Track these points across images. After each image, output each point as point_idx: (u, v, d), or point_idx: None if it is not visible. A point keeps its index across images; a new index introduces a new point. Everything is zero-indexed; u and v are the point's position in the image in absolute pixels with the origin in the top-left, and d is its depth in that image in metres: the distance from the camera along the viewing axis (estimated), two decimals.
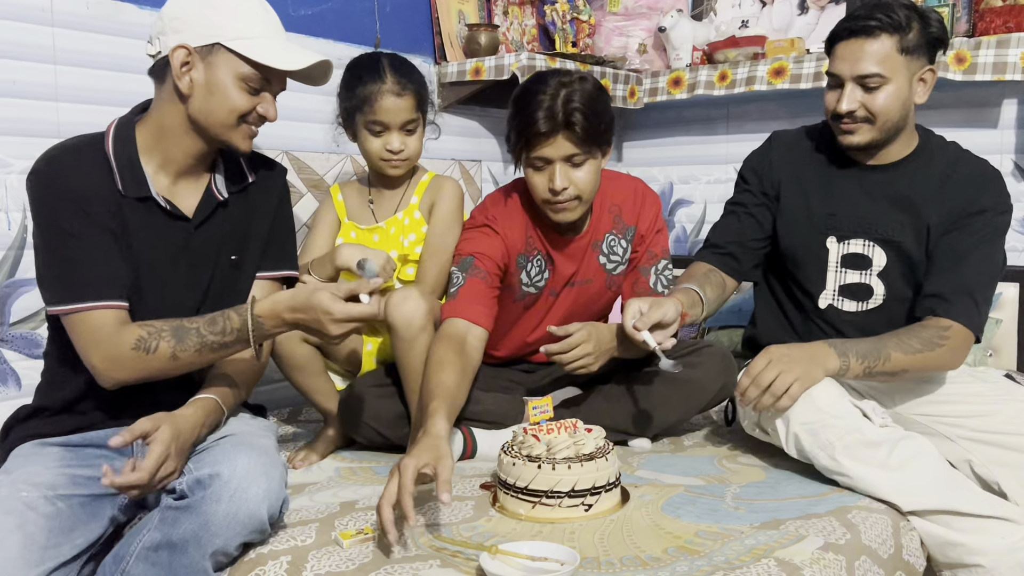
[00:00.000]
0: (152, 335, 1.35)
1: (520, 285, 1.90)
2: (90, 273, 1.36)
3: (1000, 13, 2.28)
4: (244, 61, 1.38)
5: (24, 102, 1.81)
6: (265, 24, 1.42)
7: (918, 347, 1.66)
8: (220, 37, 1.37)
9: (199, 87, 1.39)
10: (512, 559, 1.23)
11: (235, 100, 1.40)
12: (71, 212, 1.35)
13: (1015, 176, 2.47)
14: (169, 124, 1.43)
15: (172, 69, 1.38)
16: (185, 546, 1.23)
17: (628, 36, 2.95)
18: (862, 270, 1.84)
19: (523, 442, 1.51)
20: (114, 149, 1.42)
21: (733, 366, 1.87)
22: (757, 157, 1.97)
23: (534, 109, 1.69)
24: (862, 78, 1.69)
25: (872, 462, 1.54)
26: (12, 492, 1.31)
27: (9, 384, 1.83)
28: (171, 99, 1.41)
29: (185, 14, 1.38)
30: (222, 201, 1.50)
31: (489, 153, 2.88)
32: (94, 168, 1.39)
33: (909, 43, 1.68)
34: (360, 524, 1.41)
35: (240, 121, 1.42)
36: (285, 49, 1.42)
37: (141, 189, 1.42)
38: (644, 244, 1.94)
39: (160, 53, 1.40)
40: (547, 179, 1.74)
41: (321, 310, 1.33)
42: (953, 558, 1.52)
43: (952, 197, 1.77)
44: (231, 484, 1.24)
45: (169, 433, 1.29)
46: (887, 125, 1.73)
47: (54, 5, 1.85)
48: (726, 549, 1.31)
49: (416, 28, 2.65)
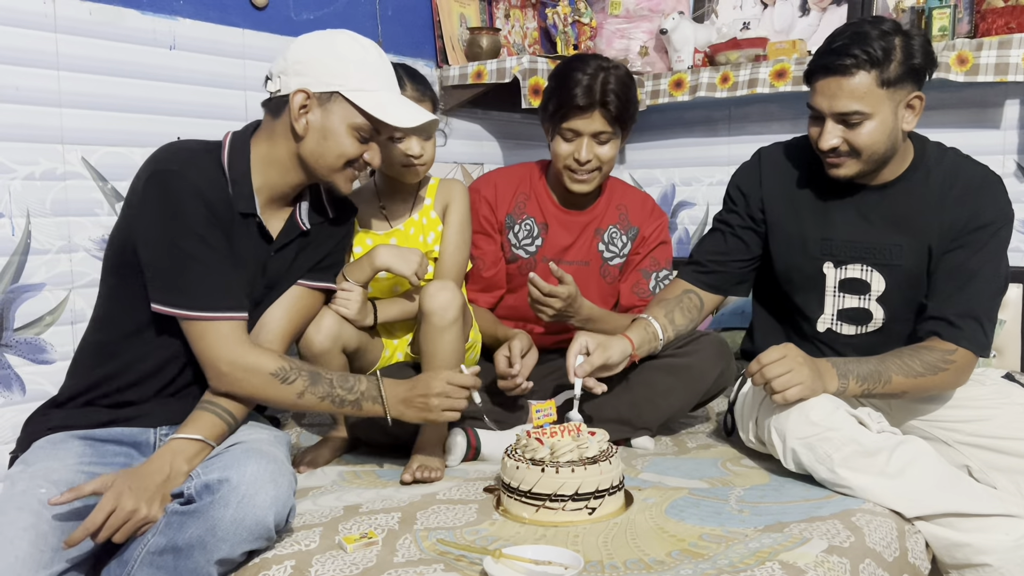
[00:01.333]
0: (293, 369, 1.46)
1: (510, 247, 2.06)
2: (222, 282, 1.44)
3: (1002, 14, 2.28)
4: (360, 112, 1.48)
5: (27, 108, 1.82)
6: (383, 79, 1.51)
7: (920, 370, 1.64)
8: (341, 87, 1.46)
9: (314, 130, 1.48)
10: (516, 563, 1.23)
11: (346, 146, 1.49)
12: (204, 218, 1.42)
13: (1017, 177, 2.47)
14: (278, 155, 1.51)
15: (291, 109, 1.46)
16: (191, 551, 1.23)
17: (629, 38, 2.95)
18: (861, 295, 1.80)
19: (527, 445, 1.51)
20: (230, 162, 1.49)
21: (730, 353, 1.92)
22: (744, 176, 1.93)
23: (574, 84, 1.88)
24: (842, 116, 1.64)
25: (871, 471, 1.53)
26: (30, 487, 1.31)
27: (14, 389, 1.83)
28: (284, 135, 1.49)
29: (310, 59, 1.47)
30: (304, 231, 1.58)
31: (491, 156, 2.88)
32: (215, 176, 1.46)
33: (890, 75, 1.61)
34: (364, 528, 1.41)
35: (346, 166, 1.52)
36: (399, 105, 1.52)
37: (249, 205, 1.50)
38: (646, 247, 2.07)
39: (279, 91, 1.48)
40: (574, 149, 1.94)
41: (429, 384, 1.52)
42: (960, 559, 1.52)
43: (952, 210, 1.72)
44: (239, 490, 1.24)
45: (122, 483, 1.28)
46: (874, 157, 1.68)
47: (57, 11, 1.86)
48: (730, 552, 1.31)
49: (418, 31, 2.66)
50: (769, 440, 1.66)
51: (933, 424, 1.76)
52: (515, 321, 2.12)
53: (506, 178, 2.11)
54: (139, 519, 1.27)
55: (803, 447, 1.58)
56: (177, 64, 2.05)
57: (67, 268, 1.89)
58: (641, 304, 2.07)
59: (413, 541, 1.36)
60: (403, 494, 1.59)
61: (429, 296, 1.68)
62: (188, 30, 2.07)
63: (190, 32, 2.07)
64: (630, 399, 1.86)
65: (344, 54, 1.48)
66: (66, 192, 1.88)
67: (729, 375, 1.91)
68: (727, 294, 1.99)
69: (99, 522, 1.25)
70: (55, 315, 1.89)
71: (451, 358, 1.70)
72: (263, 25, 2.24)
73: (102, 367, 1.50)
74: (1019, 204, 2.44)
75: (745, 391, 1.83)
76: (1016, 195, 2.44)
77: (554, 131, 1.96)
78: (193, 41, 2.08)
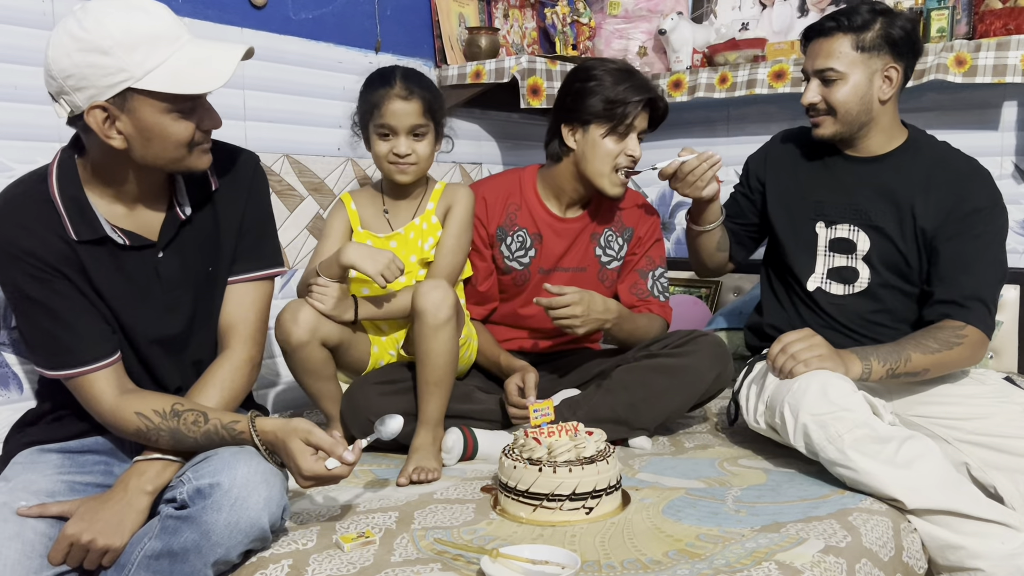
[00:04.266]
0: (151, 430, 1.35)
1: (503, 259, 2.04)
2: (75, 337, 1.35)
3: (1000, 15, 2.28)
4: (162, 97, 1.28)
5: (25, 106, 1.82)
6: (161, 41, 1.28)
7: (935, 347, 1.72)
8: (126, 81, 1.25)
9: (133, 137, 1.30)
10: (513, 562, 1.23)
11: (175, 133, 1.32)
12: (34, 278, 1.32)
13: (1015, 178, 2.47)
14: (113, 166, 1.36)
15: (95, 130, 1.28)
16: (186, 555, 1.23)
17: (628, 39, 2.96)
18: (848, 254, 1.91)
19: (524, 445, 1.51)
20: (59, 191, 1.35)
21: (728, 355, 1.93)
22: (756, 155, 2.13)
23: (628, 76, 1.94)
24: (820, 72, 1.83)
25: (879, 458, 1.54)
26: (11, 499, 1.31)
27: (11, 388, 1.83)
28: (107, 150, 1.32)
29: (76, 69, 1.24)
30: (185, 219, 1.44)
31: (489, 156, 2.88)
32: (40, 219, 1.33)
33: (866, 41, 1.79)
34: (361, 528, 1.41)
35: (190, 148, 1.35)
36: (197, 62, 1.30)
37: (91, 231, 1.35)
38: (642, 247, 2.07)
39: (72, 113, 1.29)
40: (624, 147, 1.96)
41: (292, 458, 1.32)
42: (953, 561, 1.52)
43: (940, 190, 1.82)
44: (231, 493, 1.23)
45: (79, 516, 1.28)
46: (848, 118, 1.84)
47: (55, 8, 1.85)
48: (727, 552, 1.31)
49: (416, 31, 2.66)
50: (780, 418, 1.66)
51: (933, 421, 1.76)
52: (511, 328, 2.11)
53: (494, 190, 2.07)
54: (98, 549, 1.27)
55: (815, 424, 1.59)
56: None
57: None
58: (640, 304, 2.08)
59: (410, 540, 1.36)
60: (400, 493, 1.59)
61: (421, 295, 1.68)
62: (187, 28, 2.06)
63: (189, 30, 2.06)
64: (627, 399, 1.86)
65: (106, 43, 1.23)
66: None
67: (726, 376, 1.92)
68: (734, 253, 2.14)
69: (60, 558, 1.27)
70: None
71: (444, 358, 1.69)
72: (262, 24, 2.24)
73: (59, 395, 1.45)
74: (1017, 205, 2.47)
75: (752, 376, 1.85)
76: (1014, 196, 2.46)
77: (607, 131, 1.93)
78: None
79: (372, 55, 2.49)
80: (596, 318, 1.86)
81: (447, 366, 1.70)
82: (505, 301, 2.09)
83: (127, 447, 1.48)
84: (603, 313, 1.87)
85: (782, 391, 1.68)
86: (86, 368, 1.36)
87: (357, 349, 1.84)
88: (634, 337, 1.99)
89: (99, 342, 1.37)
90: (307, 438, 1.32)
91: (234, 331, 1.49)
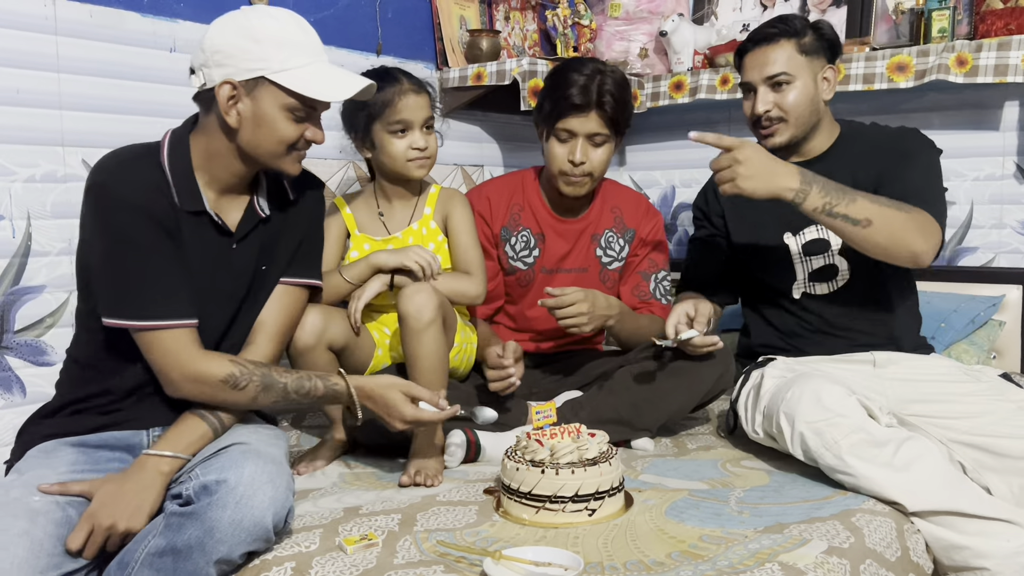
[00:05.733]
0: (244, 375, 1.42)
1: (507, 259, 2.05)
2: (166, 290, 1.41)
3: (1001, 15, 2.28)
4: (288, 93, 1.41)
5: (28, 110, 1.82)
6: (306, 51, 1.44)
7: (886, 203, 1.70)
8: (264, 70, 1.40)
9: (246, 120, 1.42)
10: (516, 564, 1.23)
11: (283, 131, 1.44)
12: (140, 226, 1.39)
13: (1016, 178, 2.47)
14: (217, 149, 1.46)
15: (219, 103, 1.40)
16: (190, 552, 1.23)
17: (629, 40, 2.96)
18: (823, 253, 1.93)
19: (526, 447, 1.51)
20: (170, 162, 1.45)
21: (729, 356, 1.93)
22: (700, 195, 2.15)
23: (571, 84, 1.89)
24: (771, 79, 1.86)
25: (877, 461, 1.54)
26: (23, 495, 1.31)
27: (14, 391, 1.84)
28: (219, 128, 1.44)
29: (227, 47, 1.40)
30: (264, 218, 1.54)
31: (491, 158, 2.88)
32: (153, 181, 1.42)
33: (806, 46, 1.86)
34: (364, 530, 1.41)
35: (289, 149, 1.47)
36: (328, 77, 1.45)
37: (196, 203, 1.45)
38: (645, 249, 2.07)
39: (205, 85, 1.42)
40: (568, 151, 1.94)
41: (392, 407, 1.48)
42: (958, 561, 1.52)
43: (881, 159, 1.87)
44: (237, 491, 1.24)
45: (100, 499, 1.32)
46: (800, 121, 1.87)
47: (57, 13, 1.86)
48: (730, 553, 1.31)
49: (417, 34, 2.66)
50: (777, 428, 1.66)
51: (928, 420, 1.75)
52: (516, 332, 2.11)
53: (498, 190, 2.09)
54: (119, 533, 1.30)
55: (811, 432, 1.59)
56: (177, 66, 2.05)
57: (68, 270, 1.89)
58: (642, 306, 2.08)
59: (413, 543, 1.36)
60: (403, 496, 1.59)
61: (405, 298, 1.68)
62: (188, 32, 2.07)
63: (190, 34, 2.07)
64: (630, 400, 1.86)
65: (261, 35, 1.39)
66: (67, 194, 1.89)
67: (728, 377, 1.92)
68: (723, 302, 2.11)
69: (80, 542, 1.29)
70: (56, 317, 1.89)
71: (432, 360, 1.69)
72: None
73: (86, 382, 1.49)
74: (1017, 205, 2.47)
75: (749, 386, 1.85)
76: (1016, 196, 2.46)
77: (549, 132, 1.96)
78: (193, 44, 2.05)
79: (373, 58, 2.49)
80: (601, 314, 1.87)
81: (436, 368, 1.69)
82: (510, 303, 2.10)
83: (144, 442, 1.50)
84: (606, 310, 1.89)
85: (777, 400, 1.68)
86: (180, 322, 1.41)
87: (361, 352, 1.84)
88: (636, 336, 1.99)
89: (190, 301, 1.44)
90: (408, 391, 1.51)
91: (262, 328, 1.56)
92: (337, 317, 1.75)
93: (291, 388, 1.45)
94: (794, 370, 1.82)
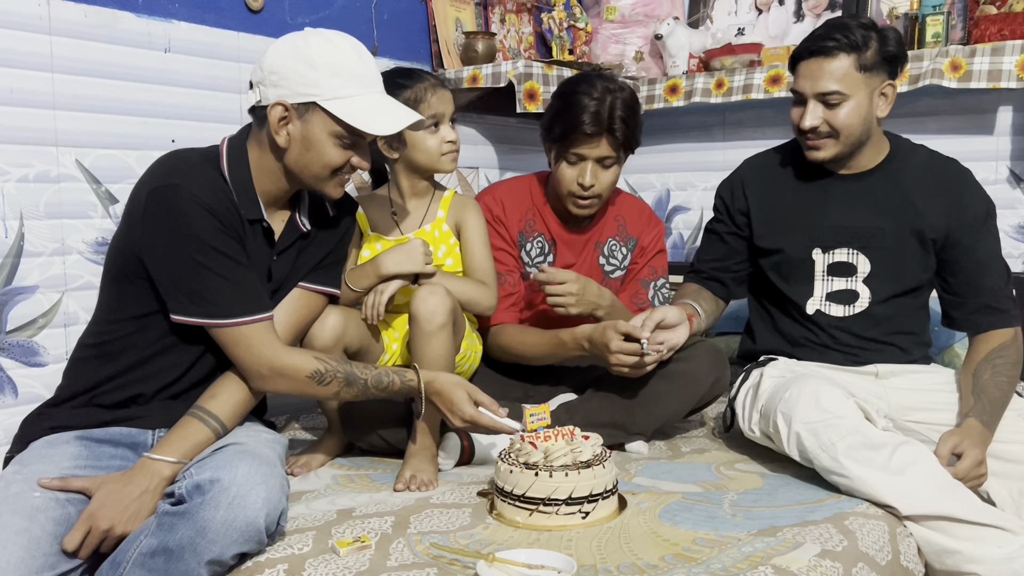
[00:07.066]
0: (329, 372, 1.49)
1: (523, 265, 2.04)
2: (246, 286, 1.45)
3: (995, 21, 2.29)
4: (337, 122, 1.45)
5: (21, 110, 1.81)
6: (361, 81, 1.47)
7: (1013, 373, 1.77)
8: (317, 96, 1.43)
9: (295, 142, 1.47)
10: (509, 567, 1.23)
11: (329, 155, 1.48)
12: (219, 228, 1.43)
13: (1010, 183, 2.48)
14: (268, 163, 1.51)
15: (270, 122, 1.44)
16: (181, 552, 1.23)
17: (625, 44, 2.96)
18: (848, 276, 1.89)
19: (520, 449, 1.51)
20: (230, 170, 1.48)
21: (724, 361, 1.92)
22: (726, 185, 2.06)
23: (583, 109, 1.86)
24: (823, 95, 1.77)
25: (873, 464, 1.54)
26: (24, 491, 1.31)
27: (6, 392, 1.83)
28: (270, 144, 1.49)
29: (284, 69, 1.44)
30: (304, 233, 1.58)
31: (486, 160, 2.88)
32: (220, 186, 1.46)
33: (867, 61, 1.75)
34: (357, 532, 1.40)
35: (333, 174, 1.51)
36: (379, 109, 1.48)
37: (255, 211, 1.50)
38: (645, 257, 2.08)
39: (260, 102, 1.47)
40: (577, 174, 1.91)
41: (454, 404, 1.54)
42: (950, 566, 1.52)
43: (935, 198, 1.83)
44: (230, 491, 1.24)
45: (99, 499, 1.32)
46: (851, 139, 1.80)
47: (52, 13, 1.85)
48: (723, 556, 1.31)
49: (413, 36, 2.66)
50: (774, 427, 1.67)
51: (928, 427, 1.76)
52: None
53: (511, 195, 2.06)
54: (115, 536, 1.31)
55: (808, 432, 1.59)
56: (172, 67, 2.05)
57: (60, 271, 1.89)
58: None
59: (406, 545, 1.36)
60: (396, 498, 1.59)
61: (418, 300, 1.68)
62: (183, 33, 2.07)
63: (185, 35, 2.07)
64: (625, 404, 1.86)
65: (318, 61, 1.43)
66: (60, 195, 1.88)
67: (724, 382, 1.91)
68: (730, 297, 2.08)
69: (76, 543, 1.29)
70: (48, 318, 1.88)
71: (440, 363, 1.69)
72: (258, 28, 2.24)
73: (102, 369, 1.50)
74: (1011, 210, 2.47)
75: (749, 385, 1.85)
76: (1009, 201, 2.47)
77: (559, 155, 1.93)
78: (188, 44, 2.08)
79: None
80: (590, 301, 1.87)
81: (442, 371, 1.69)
82: (527, 309, 2.07)
83: (148, 442, 1.50)
84: (597, 298, 1.89)
85: (775, 400, 1.69)
86: (264, 315, 1.46)
87: (371, 357, 1.84)
88: None
89: (266, 296, 1.50)
90: (472, 394, 1.55)
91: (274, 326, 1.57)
92: (355, 319, 1.75)
93: (371, 384, 1.52)
94: (794, 371, 1.82)
